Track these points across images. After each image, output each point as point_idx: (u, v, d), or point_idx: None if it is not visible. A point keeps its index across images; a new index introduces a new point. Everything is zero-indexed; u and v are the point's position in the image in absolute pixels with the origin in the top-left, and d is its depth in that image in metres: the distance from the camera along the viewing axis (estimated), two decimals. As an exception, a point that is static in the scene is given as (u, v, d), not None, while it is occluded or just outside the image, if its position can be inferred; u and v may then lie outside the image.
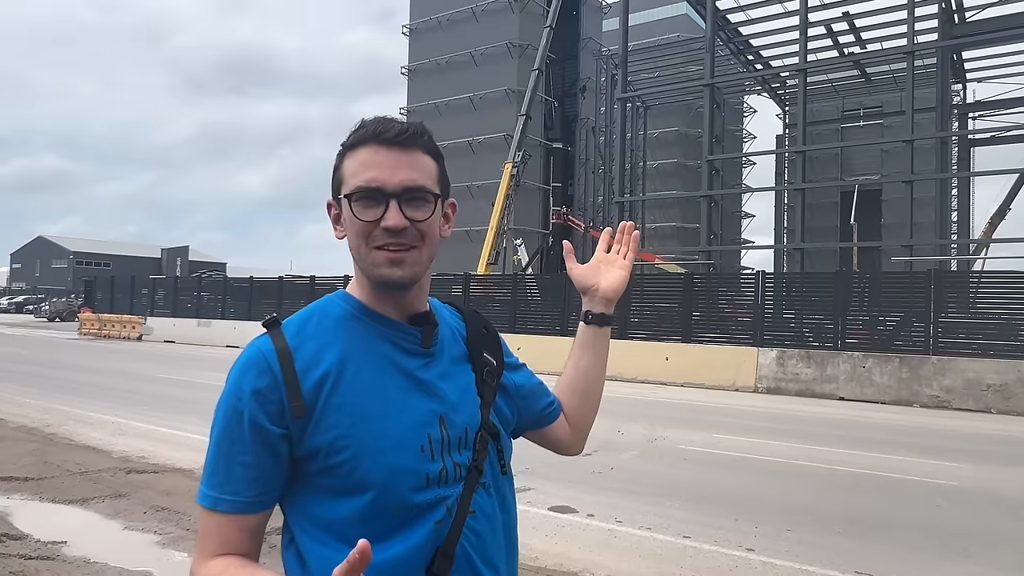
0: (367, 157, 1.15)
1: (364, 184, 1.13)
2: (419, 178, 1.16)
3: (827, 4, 26.89)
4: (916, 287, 15.42)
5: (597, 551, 5.14)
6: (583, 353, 1.47)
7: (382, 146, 1.15)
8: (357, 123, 1.20)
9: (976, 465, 8.34)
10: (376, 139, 1.15)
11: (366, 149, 1.15)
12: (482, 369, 1.28)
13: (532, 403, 1.41)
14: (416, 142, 1.17)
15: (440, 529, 1.13)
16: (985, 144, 35.85)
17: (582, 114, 44.65)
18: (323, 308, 1.22)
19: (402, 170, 1.14)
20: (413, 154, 1.16)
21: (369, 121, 1.18)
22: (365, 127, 1.17)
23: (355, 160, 1.16)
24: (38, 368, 16.61)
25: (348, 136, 1.19)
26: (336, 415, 1.11)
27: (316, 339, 1.16)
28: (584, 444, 1.54)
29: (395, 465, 1.11)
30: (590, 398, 1.49)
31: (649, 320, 18.60)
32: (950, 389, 13.53)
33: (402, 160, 1.15)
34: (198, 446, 8.24)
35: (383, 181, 1.13)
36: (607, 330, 1.49)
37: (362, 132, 1.17)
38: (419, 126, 1.19)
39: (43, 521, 5.46)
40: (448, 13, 45.54)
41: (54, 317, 45.33)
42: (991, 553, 5.30)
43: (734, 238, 48.17)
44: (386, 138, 1.15)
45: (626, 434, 9.69)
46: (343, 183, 1.17)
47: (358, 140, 1.17)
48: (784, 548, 5.22)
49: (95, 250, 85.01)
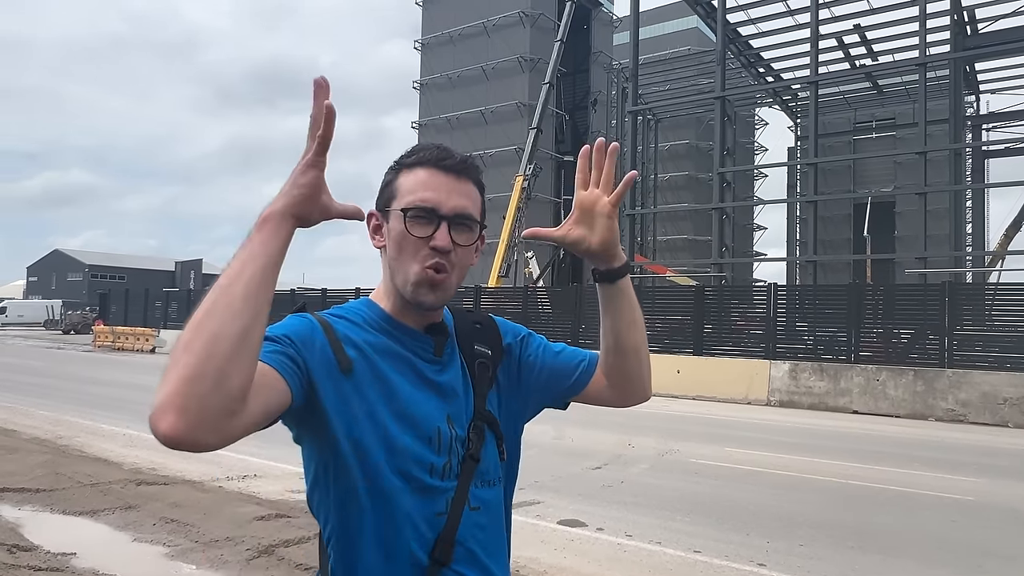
0: (426, 178, 1.24)
1: (420, 202, 1.22)
2: (469, 206, 1.26)
3: (838, 16, 26.90)
4: (930, 299, 15.28)
5: (607, 565, 5.10)
6: (606, 311, 1.40)
7: (441, 171, 1.25)
8: (413, 147, 1.30)
9: (993, 480, 8.22)
10: (437, 164, 1.25)
11: (426, 171, 1.25)
12: (473, 361, 1.33)
13: (558, 373, 1.43)
14: (471, 174, 1.28)
15: (440, 520, 1.19)
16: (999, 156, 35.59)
17: (593, 127, 44.78)
18: (348, 309, 1.29)
19: (456, 196, 1.24)
20: (466, 184, 1.27)
21: (429, 146, 1.28)
22: (426, 151, 1.27)
23: (413, 178, 1.25)
24: (51, 380, 16.74)
25: (405, 155, 1.29)
26: (373, 385, 1.18)
27: (344, 326, 1.24)
28: (645, 391, 1.50)
29: (410, 448, 1.18)
30: (627, 351, 1.41)
31: (661, 333, 18.52)
32: (966, 403, 13.36)
33: (457, 187, 1.25)
34: (209, 458, 8.26)
35: (438, 203, 1.22)
36: (622, 283, 1.37)
37: (423, 155, 1.26)
38: (473, 161, 1.31)
39: (53, 532, 5.47)
40: (460, 28, 45.90)
41: (69, 330, 45.71)
42: (1008, 570, 5.22)
43: (746, 250, 48.02)
44: (446, 165, 1.25)
45: (637, 447, 9.64)
46: (396, 197, 1.25)
47: (419, 161, 1.26)
48: (796, 563, 5.16)
49: (110, 263, 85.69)
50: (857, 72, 30.45)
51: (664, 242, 44.41)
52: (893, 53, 29.52)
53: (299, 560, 4.89)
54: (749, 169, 46.04)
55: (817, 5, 23.67)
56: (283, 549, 5.11)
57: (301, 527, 5.57)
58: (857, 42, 28.61)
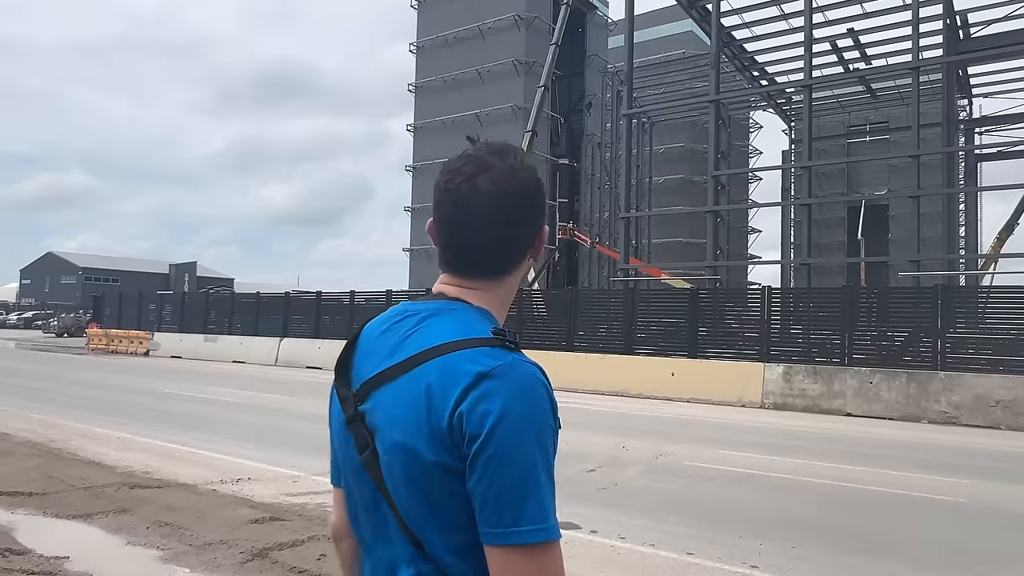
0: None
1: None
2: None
3: (832, 20, 27.02)
4: (923, 302, 15.37)
5: (600, 568, 5.11)
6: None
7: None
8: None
9: (985, 482, 8.26)
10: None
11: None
12: None
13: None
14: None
15: None
16: (992, 159, 35.85)
17: (588, 130, 44.84)
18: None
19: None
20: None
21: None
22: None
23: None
24: (45, 383, 16.68)
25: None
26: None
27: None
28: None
29: None
30: None
31: (655, 335, 18.58)
32: (959, 405, 13.42)
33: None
34: (203, 461, 8.26)
35: None
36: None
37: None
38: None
39: (46, 536, 5.46)
40: (455, 31, 45.94)
41: (62, 332, 45.56)
42: (999, 572, 5.25)
43: (741, 253, 48.13)
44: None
45: (631, 450, 9.65)
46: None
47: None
48: (788, 565, 5.18)
49: (104, 266, 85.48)
50: (851, 76, 30.57)
51: (659, 245, 44.48)
52: (886, 57, 29.66)
53: (293, 563, 4.88)
54: (743, 172, 46.16)
55: (811, 9, 23.75)
56: (277, 552, 5.10)
57: (295, 530, 5.57)
58: (851, 46, 28.74)
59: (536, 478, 0.97)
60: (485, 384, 0.98)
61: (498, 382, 0.98)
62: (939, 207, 26.85)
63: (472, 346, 1.03)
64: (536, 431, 0.98)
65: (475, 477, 0.97)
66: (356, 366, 1.16)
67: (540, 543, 0.96)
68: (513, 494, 0.96)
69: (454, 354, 1.02)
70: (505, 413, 0.97)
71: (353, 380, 1.14)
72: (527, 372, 1.01)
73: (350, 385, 1.14)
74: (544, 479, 0.98)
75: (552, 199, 43.20)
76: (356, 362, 1.16)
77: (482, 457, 0.96)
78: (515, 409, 0.97)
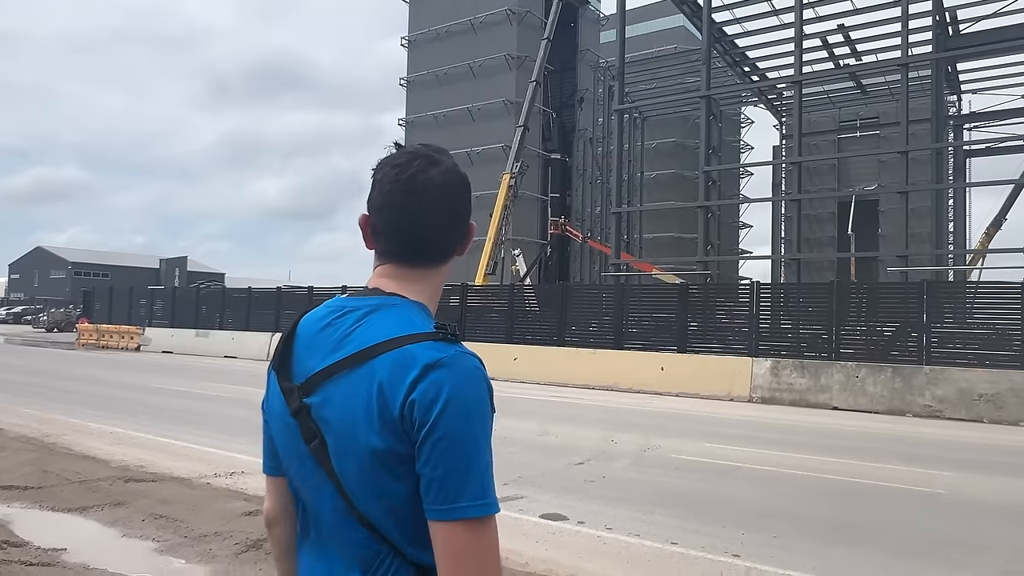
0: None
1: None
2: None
3: (822, 16, 27.15)
4: (910, 297, 15.56)
5: (587, 557, 5.24)
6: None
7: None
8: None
9: (964, 474, 8.44)
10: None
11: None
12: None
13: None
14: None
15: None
16: (981, 155, 36.07)
17: (580, 125, 44.93)
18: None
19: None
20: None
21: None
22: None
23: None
24: (36, 379, 16.71)
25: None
26: None
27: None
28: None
29: None
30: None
31: (645, 330, 18.73)
32: (943, 399, 13.62)
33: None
34: (197, 455, 8.35)
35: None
36: None
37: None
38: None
39: (43, 529, 5.55)
40: (447, 25, 45.90)
41: (52, 328, 45.40)
42: (974, 559, 5.40)
43: (732, 249, 48.32)
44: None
45: (620, 443, 9.79)
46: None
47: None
48: (769, 554, 5.32)
49: (94, 260, 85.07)
50: (841, 71, 30.73)
51: (650, 240, 44.63)
52: (876, 53, 29.79)
53: (286, 554, 4.98)
54: (734, 168, 46.33)
55: (801, 5, 23.86)
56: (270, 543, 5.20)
57: (288, 522, 5.66)
58: (841, 42, 28.87)
59: (479, 458, 1.08)
60: (432, 375, 1.08)
61: (444, 372, 1.08)
62: (928, 203, 27.05)
63: (418, 340, 1.12)
64: (479, 415, 1.09)
65: (423, 458, 1.07)
66: (297, 360, 1.21)
67: (480, 517, 1.06)
68: (458, 473, 1.06)
69: (402, 348, 1.11)
70: (451, 399, 1.07)
71: (296, 374, 1.20)
72: (469, 363, 1.12)
73: (292, 378, 1.21)
74: (485, 459, 1.09)
75: (544, 194, 43.34)
76: (296, 356, 1.22)
77: (430, 440, 1.06)
78: (459, 396, 1.08)
